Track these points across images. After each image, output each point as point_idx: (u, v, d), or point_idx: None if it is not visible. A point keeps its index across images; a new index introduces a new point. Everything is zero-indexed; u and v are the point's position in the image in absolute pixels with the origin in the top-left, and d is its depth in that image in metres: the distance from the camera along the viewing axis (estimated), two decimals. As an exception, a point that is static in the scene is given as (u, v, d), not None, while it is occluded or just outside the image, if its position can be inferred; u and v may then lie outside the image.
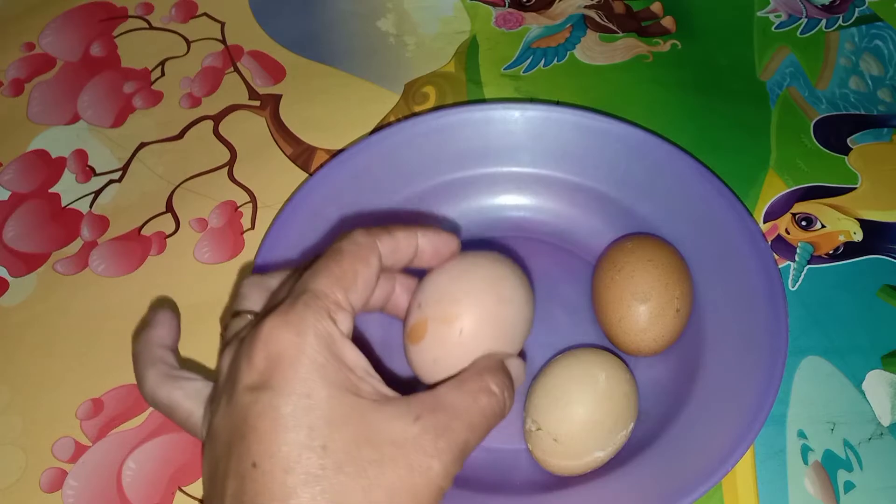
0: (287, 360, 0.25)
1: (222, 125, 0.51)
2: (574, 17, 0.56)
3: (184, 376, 0.30)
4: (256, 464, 0.24)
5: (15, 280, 0.45)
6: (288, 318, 0.26)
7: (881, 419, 0.40)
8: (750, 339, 0.38)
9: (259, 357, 0.26)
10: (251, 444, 0.25)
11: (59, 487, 0.39)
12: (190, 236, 0.47)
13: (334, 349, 0.26)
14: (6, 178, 0.49)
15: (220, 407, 0.27)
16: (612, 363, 0.37)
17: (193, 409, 0.29)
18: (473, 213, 0.46)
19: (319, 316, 0.26)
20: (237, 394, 0.26)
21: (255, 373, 0.26)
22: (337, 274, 0.27)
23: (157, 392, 0.30)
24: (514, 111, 0.45)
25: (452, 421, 0.26)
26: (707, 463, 0.35)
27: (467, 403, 0.27)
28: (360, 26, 0.56)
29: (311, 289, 0.27)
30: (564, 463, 0.36)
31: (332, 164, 0.44)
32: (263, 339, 0.26)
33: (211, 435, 0.27)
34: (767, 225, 0.46)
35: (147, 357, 0.31)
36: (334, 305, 0.27)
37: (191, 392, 0.30)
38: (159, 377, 0.30)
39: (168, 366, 0.31)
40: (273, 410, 0.25)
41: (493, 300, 0.30)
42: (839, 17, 0.56)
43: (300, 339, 0.26)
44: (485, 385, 0.28)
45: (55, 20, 0.57)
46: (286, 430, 0.24)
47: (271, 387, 0.25)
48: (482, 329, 0.30)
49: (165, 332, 0.32)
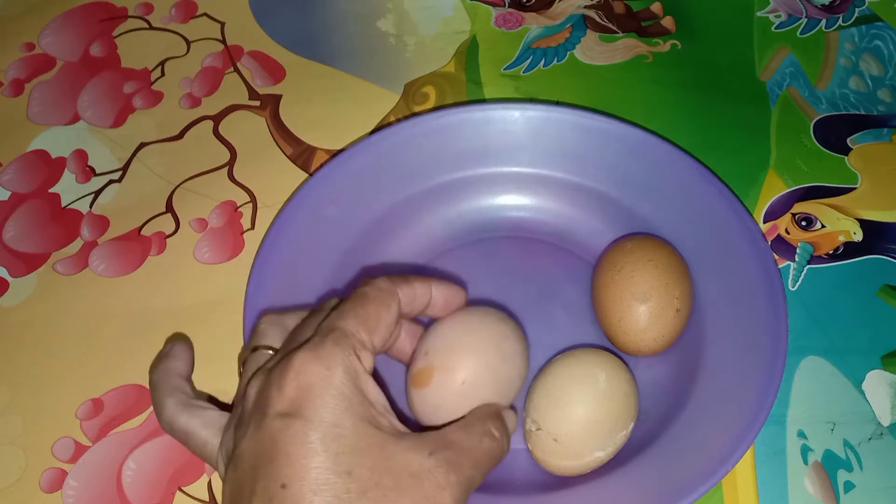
0: (317, 391, 0.27)
1: (222, 125, 0.51)
2: (574, 17, 0.56)
3: (200, 406, 0.32)
4: (286, 485, 0.26)
5: (15, 280, 0.45)
6: (319, 353, 0.28)
7: (881, 419, 0.40)
8: (750, 339, 0.38)
9: (290, 387, 0.28)
10: (281, 467, 0.26)
11: (59, 487, 0.39)
12: (190, 236, 0.47)
13: (359, 384, 0.28)
14: (6, 178, 0.49)
15: (248, 431, 0.28)
16: (612, 363, 0.37)
17: (209, 438, 0.31)
18: (473, 214, 0.46)
19: (347, 353, 0.28)
20: (267, 420, 0.27)
21: (286, 401, 0.27)
22: (362, 316, 0.30)
23: (175, 420, 0.32)
24: (514, 111, 0.45)
25: (461, 458, 0.29)
26: (707, 463, 0.35)
27: (473, 444, 0.30)
28: (360, 26, 0.56)
29: (339, 327, 0.29)
30: (564, 463, 0.36)
31: (332, 165, 0.44)
32: (295, 370, 0.28)
33: (237, 458, 0.28)
34: (767, 225, 0.46)
35: (166, 386, 0.33)
36: (360, 344, 0.29)
37: (207, 421, 0.32)
38: (178, 405, 0.32)
39: (186, 395, 0.33)
40: (303, 436, 0.27)
41: (496, 356, 0.32)
42: (839, 17, 0.56)
43: (330, 372, 0.28)
44: (488, 429, 0.31)
45: (55, 20, 0.57)
46: (315, 455, 0.26)
47: (302, 415, 0.27)
48: (483, 381, 0.32)
49: (182, 364, 0.34)
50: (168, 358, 0.35)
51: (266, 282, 0.40)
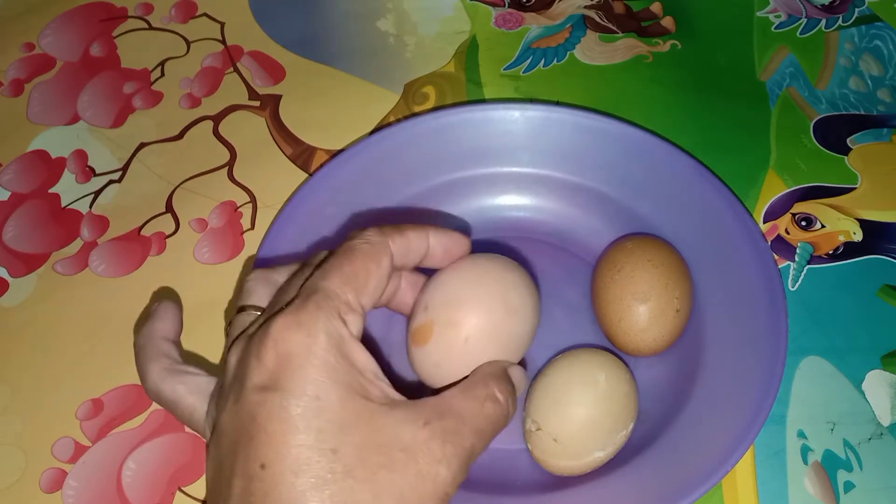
0: (297, 361, 0.25)
1: (222, 125, 0.51)
2: (574, 17, 0.56)
3: (188, 371, 0.30)
4: (265, 465, 0.24)
5: (15, 280, 0.45)
6: (299, 317, 0.26)
7: (881, 419, 0.40)
8: (750, 339, 0.38)
9: (269, 356, 0.25)
10: (260, 445, 0.24)
11: (58, 488, 0.39)
12: (190, 236, 0.47)
13: (345, 351, 0.26)
14: (6, 178, 0.49)
15: (228, 405, 0.26)
16: (611, 363, 0.37)
17: (196, 405, 0.29)
18: (473, 214, 0.46)
19: (330, 317, 0.26)
20: (246, 392, 0.25)
21: (265, 372, 0.25)
22: (349, 274, 0.27)
23: (160, 386, 0.29)
24: (514, 111, 0.45)
25: (460, 426, 0.26)
26: (707, 463, 0.35)
27: (474, 410, 0.27)
28: (359, 26, 0.56)
29: (322, 288, 0.26)
30: (564, 463, 0.36)
31: (332, 165, 0.44)
32: (273, 338, 0.25)
33: (217, 432, 0.26)
34: (767, 225, 0.46)
35: (151, 351, 0.30)
36: (345, 306, 0.26)
37: (194, 387, 0.29)
38: (163, 371, 0.30)
39: (172, 360, 0.30)
40: (283, 411, 0.25)
41: (501, 310, 0.30)
42: (839, 17, 0.56)
43: (311, 339, 0.25)
44: (491, 392, 0.28)
45: (55, 20, 0.57)
46: (296, 432, 0.24)
47: (281, 387, 0.25)
48: (488, 338, 0.30)
49: (168, 325, 0.32)
50: (153, 319, 0.32)
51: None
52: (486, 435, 0.28)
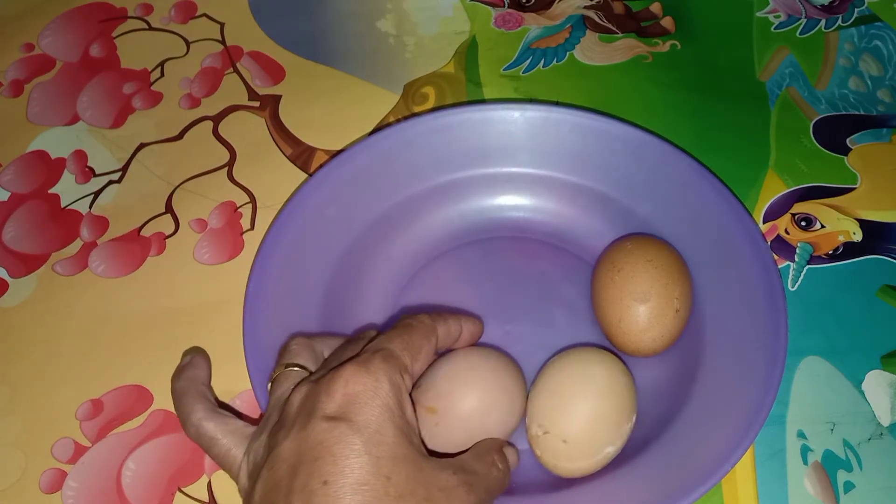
0: (364, 399, 0.29)
1: (222, 126, 0.51)
2: (573, 17, 0.56)
3: (226, 414, 0.34)
4: (328, 482, 0.27)
5: (14, 281, 0.45)
6: (368, 366, 0.30)
7: (881, 419, 0.40)
8: (750, 339, 0.38)
9: (339, 393, 0.29)
10: (325, 465, 0.28)
11: (58, 488, 0.39)
12: (189, 237, 0.47)
13: (400, 399, 0.30)
14: (6, 178, 0.49)
15: (292, 433, 0.29)
16: (607, 358, 0.37)
17: (232, 446, 0.32)
18: (473, 214, 0.46)
19: (393, 369, 0.31)
20: (314, 421, 0.29)
21: (334, 405, 0.29)
22: (407, 343, 0.32)
23: (202, 425, 0.33)
24: (514, 112, 0.45)
25: (478, 482, 0.31)
26: (707, 463, 0.35)
27: (486, 471, 0.32)
28: (359, 27, 0.56)
29: (387, 348, 0.32)
30: (577, 464, 0.35)
31: (332, 165, 0.44)
32: (345, 378, 0.30)
33: (274, 458, 0.29)
34: (767, 225, 0.46)
35: (194, 393, 0.34)
36: (404, 366, 0.31)
37: (233, 429, 0.33)
38: (206, 412, 0.33)
39: (211, 403, 0.34)
40: (348, 437, 0.28)
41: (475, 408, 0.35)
42: (838, 17, 0.56)
43: (377, 384, 0.30)
44: (494, 461, 0.33)
45: (55, 21, 0.57)
46: (359, 456, 0.28)
47: (348, 418, 0.29)
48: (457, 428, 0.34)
49: (204, 373, 0.36)
50: (191, 367, 0.36)
51: (266, 282, 0.40)
52: (493, 493, 0.32)
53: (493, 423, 0.35)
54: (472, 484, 0.30)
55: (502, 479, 0.33)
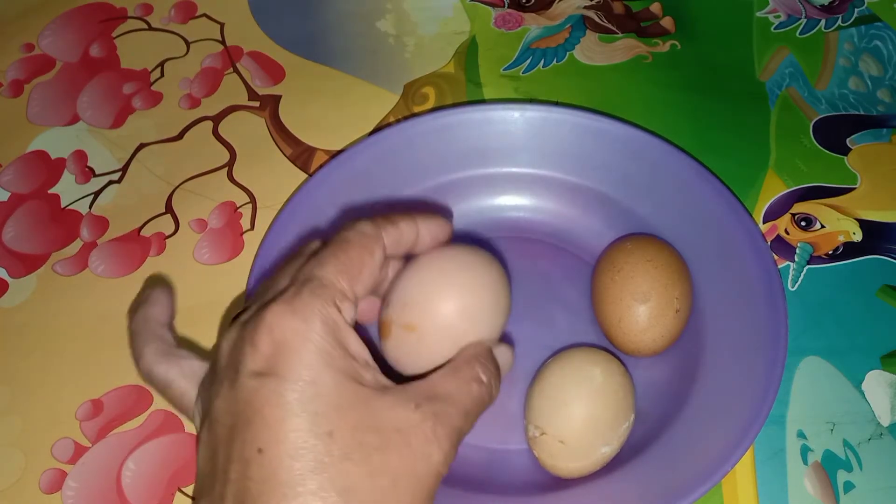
0: (293, 347, 0.26)
1: (222, 126, 0.51)
2: (573, 17, 0.56)
3: (181, 355, 0.30)
4: (263, 449, 0.25)
5: (14, 281, 0.45)
6: (294, 305, 0.26)
7: (881, 419, 0.40)
8: (750, 339, 0.38)
9: (264, 343, 0.26)
10: (258, 430, 0.25)
11: (58, 488, 0.39)
12: (189, 237, 0.47)
13: (339, 337, 0.26)
14: (6, 178, 0.49)
15: (222, 391, 0.26)
16: (604, 358, 0.37)
17: (187, 388, 0.29)
18: (473, 214, 0.46)
19: (326, 304, 0.26)
20: (241, 378, 0.26)
21: (261, 358, 0.26)
22: (344, 263, 0.28)
23: (153, 368, 0.30)
24: (514, 112, 0.45)
25: (448, 408, 0.27)
26: (707, 463, 0.35)
27: (461, 391, 0.28)
28: (359, 27, 0.56)
29: (317, 277, 0.27)
30: (574, 465, 0.35)
31: (332, 165, 0.44)
32: (268, 325, 0.26)
33: (211, 419, 0.27)
34: (767, 225, 0.46)
35: (145, 334, 0.31)
36: (340, 294, 0.27)
37: (187, 371, 0.30)
38: (157, 354, 0.30)
39: (166, 343, 0.31)
40: (279, 396, 0.25)
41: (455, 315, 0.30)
42: (838, 17, 0.56)
43: (306, 325, 0.26)
44: (475, 374, 0.29)
45: (54, 21, 0.57)
46: (293, 417, 0.25)
47: (277, 373, 0.25)
48: (441, 340, 0.30)
49: (162, 309, 0.32)
50: (147, 304, 0.32)
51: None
52: (472, 415, 0.28)
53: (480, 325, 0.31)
54: (441, 413, 0.27)
55: (485, 394, 0.29)
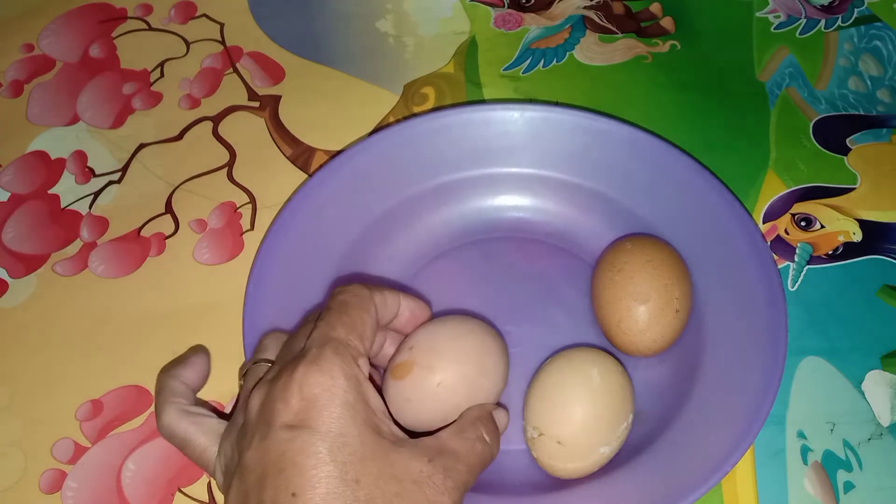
0: (322, 402, 0.28)
1: (222, 126, 0.51)
2: (573, 17, 0.56)
3: (200, 413, 0.33)
4: (297, 494, 0.27)
5: (14, 281, 0.45)
6: (320, 364, 0.29)
7: (881, 419, 0.40)
8: (749, 339, 0.38)
9: (295, 399, 0.28)
10: (291, 477, 0.27)
11: (58, 489, 0.39)
12: (189, 237, 0.47)
13: (361, 392, 0.29)
14: (5, 179, 0.49)
15: (254, 443, 0.28)
16: (602, 358, 0.37)
17: (207, 446, 0.32)
18: (473, 214, 0.46)
19: (347, 361, 0.29)
20: (273, 431, 0.28)
21: (291, 413, 0.28)
22: (349, 324, 0.31)
23: (174, 425, 0.32)
24: (514, 112, 0.45)
25: (456, 464, 0.30)
26: (707, 463, 0.35)
27: (467, 449, 0.31)
28: (359, 27, 0.56)
29: (334, 338, 0.30)
30: (572, 465, 0.35)
31: (332, 165, 0.44)
32: (298, 382, 0.28)
33: (242, 469, 0.28)
34: (767, 225, 0.46)
35: (169, 391, 0.34)
36: (356, 352, 0.30)
37: (207, 429, 0.32)
38: (178, 412, 0.33)
39: (186, 402, 0.33)
40: (311, 447, 0.27)
41: (475, 368, 0.33)
42: (838, 17, 0.56)
43: (333, 382, 0.28)
44: (479, 434, 0.32)
45: (54, 21, 0.57)
46: (324, 465, 0.27)
47: (308, 426, 0.28)
48: (458, 389, 0.33)
49: (193, 374, 0.35)
50: (181, 365, 0.35)
51: (265, 283, 0.40)
52: (476, 470, 0.31)
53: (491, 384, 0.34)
54: (450, 468, 0.29)
55: (487, 453, 0.32)
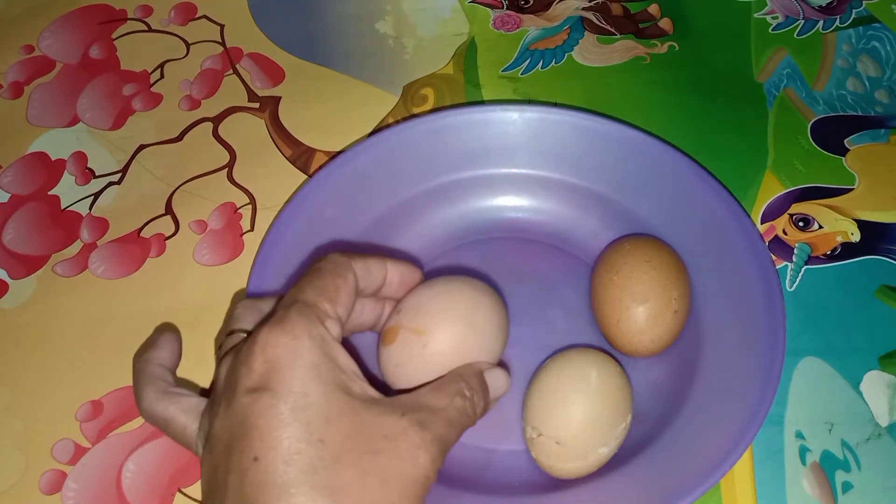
0: (284, 362, 0.27)
1: (221, 127, 0.51)
2: (572, 18, 0.56)
3: (180, 392, 0.32)
4: (258, 457, 0.26)
5: (14, 282, 0.46)
6: (283, 324, 0.28)
7: (879, 420, 0.40)
8: (748, 339, 0.38)
9: (257, 362, 0.28)
10: (253, 441, 0.26)
11: (58, 489, 0.39)
12: (189, 238, 0.47)
13: (327, 351, 0.28)
14: (6, 180, 0.50)
15: (220, 411, 0.28)
16: (601, 359, 0.37)
17: (188, 423, 0.31)
18: (472, 215, 0.46)
19: (312, 321, 0.28)
20: (237, 396, 0.27)
21: (255, 376, 0.27)
22: (320, 287, 0.30)
23: (153, 407, 0.32)
24: (513, 113, 0.45)
25: (433, 417, 0.29)
26: (705, 464, 0.35)
27: (444, 403, 0.30)
28: (358, 28, 0.56)
29: (299, 299, 0.29)
30: (571, 465, 0.36)
31: (332, 166, 0.44)
32: (261, 344, 0.28)
33: (211, 440, 0.28)
34: (765, 226, 0.47)
35: (146, 374, 0.33)
36: (323, 313, 0.29)
37: (186, 407, 0.31)
38: (157, 393, 0.32)
39: (165, 383, 0.33)
40: (273, 408, 0.26)
41: (464, 327, 0.33)
42: (836, 18, 0.56)
43: (296, 341, 0.28)
44: (459, 388, 0.31)
45: (54, 22, 0.57)
46: (286, 426, 0.26)
47: (270, 388, 0.27)
48: (446, 349, 0.32)
49: (166, 354, 0.34)
50: (152, 347, 0.34)
51: (265, 283, 0.40)
52: (456, 425, 0.30)
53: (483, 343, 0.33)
54: (426, 422, 0.28)
55: (468, 408, 0.31)
